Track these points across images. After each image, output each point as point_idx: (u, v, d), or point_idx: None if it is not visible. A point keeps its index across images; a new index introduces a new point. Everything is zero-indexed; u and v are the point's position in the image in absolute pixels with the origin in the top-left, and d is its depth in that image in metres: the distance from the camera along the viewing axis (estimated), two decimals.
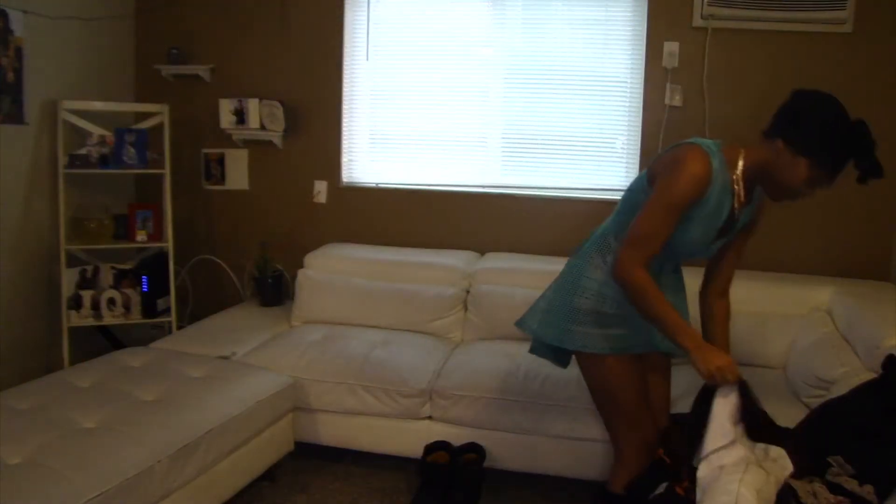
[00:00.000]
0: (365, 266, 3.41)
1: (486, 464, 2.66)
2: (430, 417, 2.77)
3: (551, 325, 1.97)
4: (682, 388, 2.54)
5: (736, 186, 1.80)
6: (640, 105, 3.38)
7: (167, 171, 3.51)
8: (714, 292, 2.02)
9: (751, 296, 2.87)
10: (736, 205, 1.82)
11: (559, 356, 2.08)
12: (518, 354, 2.90)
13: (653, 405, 2.04)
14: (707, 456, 1.74)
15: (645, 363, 2.01)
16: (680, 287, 2.06)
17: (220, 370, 2.63)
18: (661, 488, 1.90)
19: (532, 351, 2.14)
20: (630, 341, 1.94)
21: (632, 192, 1.94)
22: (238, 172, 3.87)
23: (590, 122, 3.48)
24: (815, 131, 1.67)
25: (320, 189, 3.79)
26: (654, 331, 1.93)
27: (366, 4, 3.62)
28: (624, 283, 1.77)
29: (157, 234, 3.59)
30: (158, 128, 3.56)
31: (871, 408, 1.85)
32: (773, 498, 1.70)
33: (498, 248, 3.58)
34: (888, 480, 1.67)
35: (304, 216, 3.81)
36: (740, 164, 1.79)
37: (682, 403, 2.26)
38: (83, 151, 3.39)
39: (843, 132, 1.66)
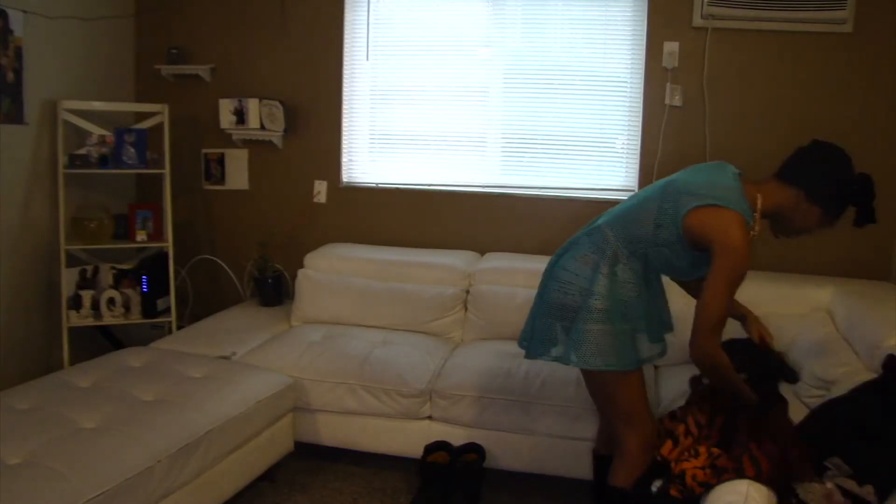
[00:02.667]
0: (365, 266, 3.41)
1: (486, 464, 2.66)
2: (429, 417, 2.77)
3: (576, 350, 1.93)
4: (682, 389, 2.54)
5: (754, 223, 1.88)
6: (640, 105, 3.37)
7: (167, 171, 3.51)
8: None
9: (751, 296, 2.86)
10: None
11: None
12: (518, 354, 2.89)
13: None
14: None
15: None
16: (662, 290, 2.12)
17: (220, 370, 2.63)
18: (655, 487, 1.91)
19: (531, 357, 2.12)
20: (641, 345, 1.97)
21: (646, 206, 1.94)
22: (238, 172, 3.87)
23: (590, 122, 3.48)
24: (835, 188, 1.85)
25: (320, 189, 3.79)
26: (655, 327, 2.01)
27: (366, 4, 3.62)
28: (710, 367, 1.86)
29: (157, 234, 3.59)
30: (158, 128, 3.56)
31: (871, 408, 1.85)
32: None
33: (498, 248, 3.58)
34: (888, 480, 1.67)
35: (304, 216, 3.81)
36: (759, 204, 1.89)
37: (682, 402, 2.26)
38: (83, 151, 3.39)
39: (855, 188, 1.86)
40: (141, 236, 3.53)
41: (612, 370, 1.91)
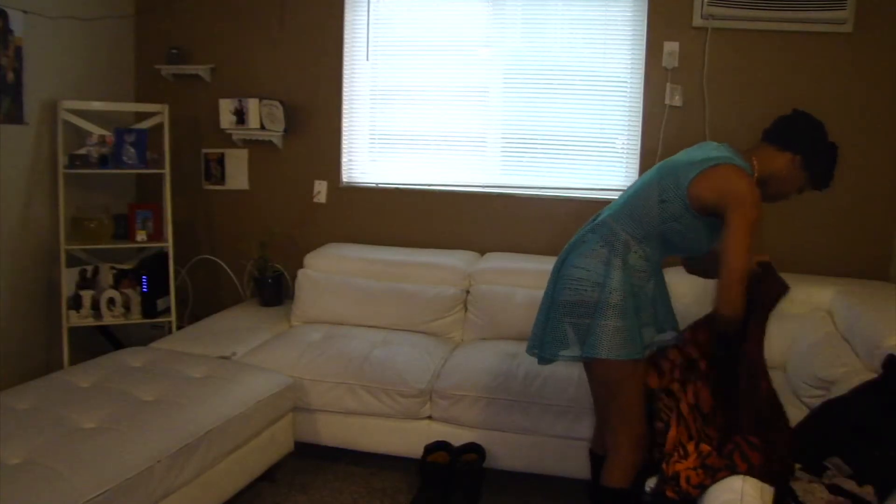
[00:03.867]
0: (365, 266, 3.41)
1: (486, 464, 2.66)
2: (429, 417, 2.77)
3: (598, 344, 1.93)
4: None
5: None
6: (640, 105, 3.37)
7: (167, 171, 3.51)
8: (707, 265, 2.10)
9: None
10: None
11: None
12: (518, 354, 2.90)
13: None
14: None
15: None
16: (665, 287, 2.12)
17: (220, 370, 2.63)
18: (649, 486, 1.91)
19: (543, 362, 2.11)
20: (647, 335, 1.98)
21: (647, 188, 1.96)
22: (238, 172, 3.87)
23: (590, 122, 3.48)
24: (825, 154, 1.97)
25: (320, 189, 3.79)
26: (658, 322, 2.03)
27: (366, 4, 3.62)
28: (736, 319, 1.84)
29: (157, 234, 3.59)
30: (158, 128, 3.56)
31: (871, 408, 1.85)
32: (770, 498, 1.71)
33: (498, 248, 3.58)
34: (888, 480, 1.67)
35: (304, 216, 3.81)
36: (756, 169, 1.94)
37: None
38: (83, 151, 3.39)
39: (834, 154, 1.98)
40: (141, 236, 3.53)
41: (623, 360, 1.91)
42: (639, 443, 1.99)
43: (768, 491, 1.71)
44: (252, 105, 3.65)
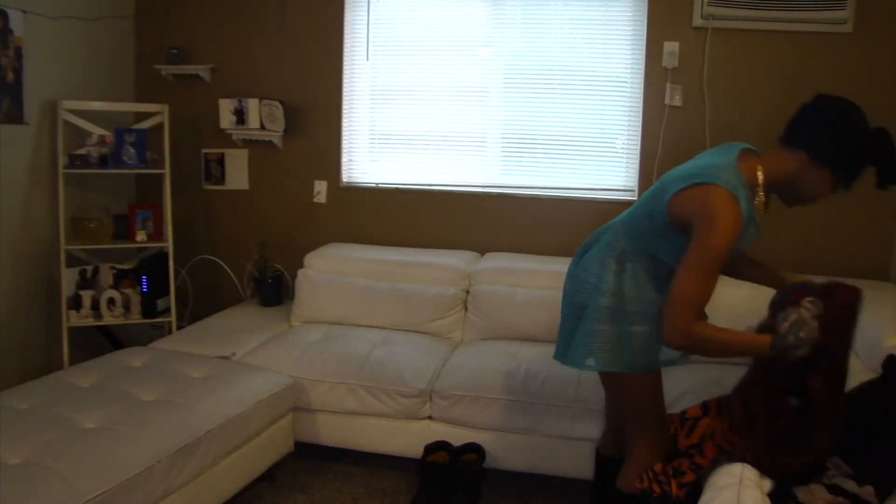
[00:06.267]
0: (365, 266, 3.41)
1: (486, 464, 2.66)
2: (429, 417, 2.77)
3: (583, 349, 1.90)
4: (685, 387, 2.54)
5: (758, 200, 1.77)
6: (640, 105, 3.37)
7: (167, 171, 3.51)
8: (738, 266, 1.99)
9: (751, 295, 2.86)
10: (758, 218, 1.80)
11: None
12: (518, 354, 2.90)
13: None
14: None
15: None
16: None
17: (220, 370, 2.63)
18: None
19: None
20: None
21: (645, 199, 1.90)
22: (238, 172, 3.87)
23: (590, 122, 3.48)
24: (841, 145, 1.67)
25: (320, 189, 3.79)
26: None
27: (366, 4, 3.62)
28: (686, 346, 1.74)
29: (157, 234, 3.59)
30: (158, 128, 3.56)
31: (871, 408, 1.85)
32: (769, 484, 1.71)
33: (498, 248, 3.58)
34: (888, 480, 1.67)
35: (304, 216, 3.81)
36: (760, 176, 1.75)
37: (685, 400, 2.25)
38: (83, 151, 3.39)
39: (867, 143, 1.66)
40: (141, 236, 3.53)
41: (617, 371, 1.89)
42: (658, 449, 1.94)
43: (767, 482, 1.71)
44: (252, 105, 3.65)
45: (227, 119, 3.70)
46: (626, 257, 1.88)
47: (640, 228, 1.87)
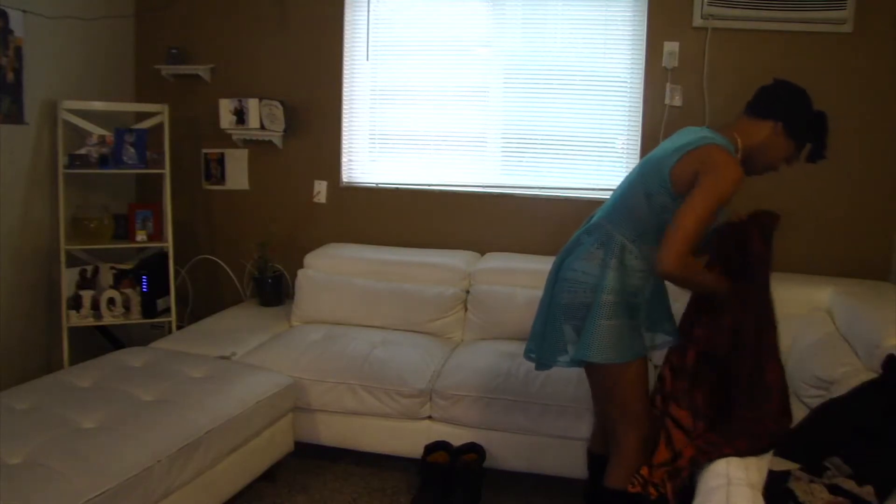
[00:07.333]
0: (365, 266, 3.41)
1: (486, 464, 2.66)
2: (430, 417, 2.77)
3: (590, 345, 1.92)
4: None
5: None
6: (640, 105, 3.37)
7: (167, 171, 3.51)
8: None
9: None
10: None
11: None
12: (518, 354, 2.89)
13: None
14: None
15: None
16: (664, 290, 2.10)
17: (220, 370, 2.63)
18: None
19: (540, 367, 2.13)
20: (644, 339, 1.99)
21: (633, 186, 1.96)
22: (238, 172, 3.87)
23: (590, 122, 3.48)
24: (809, 120, 1.92)
25: (320, 189, 3.79)
26: (656, 323, 2.03)
27: (366, 4, 3.62)
28: (676, 277, 1.83)
29: (157, 234, 3.58)
30: (158, 128, 3.56)
31: (871, 408, 1.85)
32: (765, 472, 1.71)
33: (498, 248, 3.58)
34: (888, 480, 1.67)
35: (304, 216, 3.81)
36: (739, 142, 1.93)
37: None
38: (83, 151, 3.39)
39: (818, 123, 1.93)
40: (141, 236, 3.53)
41: (612, 363, 1.91)
42: (643, 444, 1.97)
43: (754, 464, 1.71)
44: (252, 105, 3.65)
45: (227, 119, 3.69)
46: (624, 249, 1.92)
47: (642, 212, 1.92)
